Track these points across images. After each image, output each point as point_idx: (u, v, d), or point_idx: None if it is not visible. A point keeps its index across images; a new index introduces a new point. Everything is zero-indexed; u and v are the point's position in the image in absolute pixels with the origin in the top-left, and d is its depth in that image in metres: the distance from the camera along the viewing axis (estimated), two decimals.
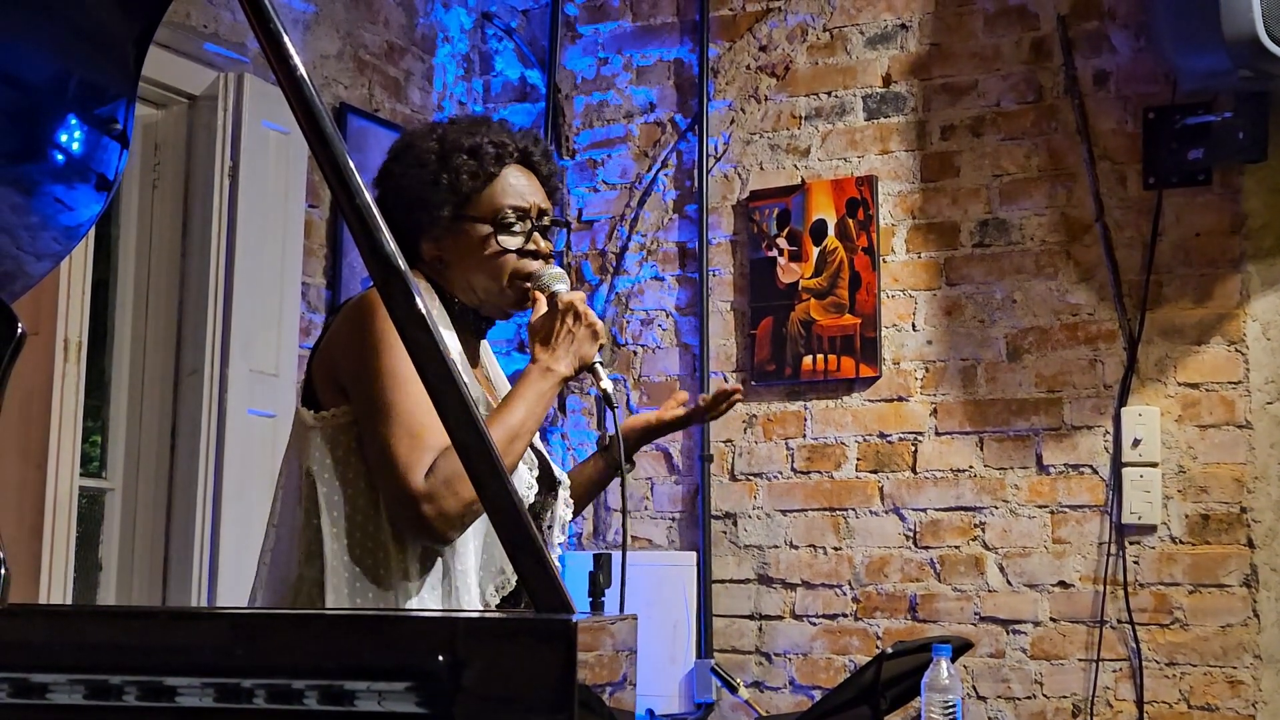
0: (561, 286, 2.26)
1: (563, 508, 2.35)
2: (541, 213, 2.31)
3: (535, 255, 2.28)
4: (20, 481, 3.33)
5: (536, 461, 2.32)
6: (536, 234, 2.29)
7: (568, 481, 2.39)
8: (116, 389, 3.79)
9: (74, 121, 1.98)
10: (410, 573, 2.12)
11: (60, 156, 2.00)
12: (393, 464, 2.05)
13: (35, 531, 3.31)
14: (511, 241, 2.26)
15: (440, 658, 1.21)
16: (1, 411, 1.70)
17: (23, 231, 2.02)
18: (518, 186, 2.29)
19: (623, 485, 2.42)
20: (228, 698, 1.22)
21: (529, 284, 2.27)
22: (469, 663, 1.22)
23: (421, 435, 2.05)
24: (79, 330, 3.41)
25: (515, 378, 2.25)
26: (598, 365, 2.25)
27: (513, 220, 2.27)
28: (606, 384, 2.26)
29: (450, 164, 2.26)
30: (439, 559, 2.15)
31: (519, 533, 1.49)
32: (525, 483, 2.26)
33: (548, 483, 2.34)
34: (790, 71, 4.42)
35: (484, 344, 2.42)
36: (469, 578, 2.17)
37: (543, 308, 2.26)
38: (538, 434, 2.30)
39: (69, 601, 3.40)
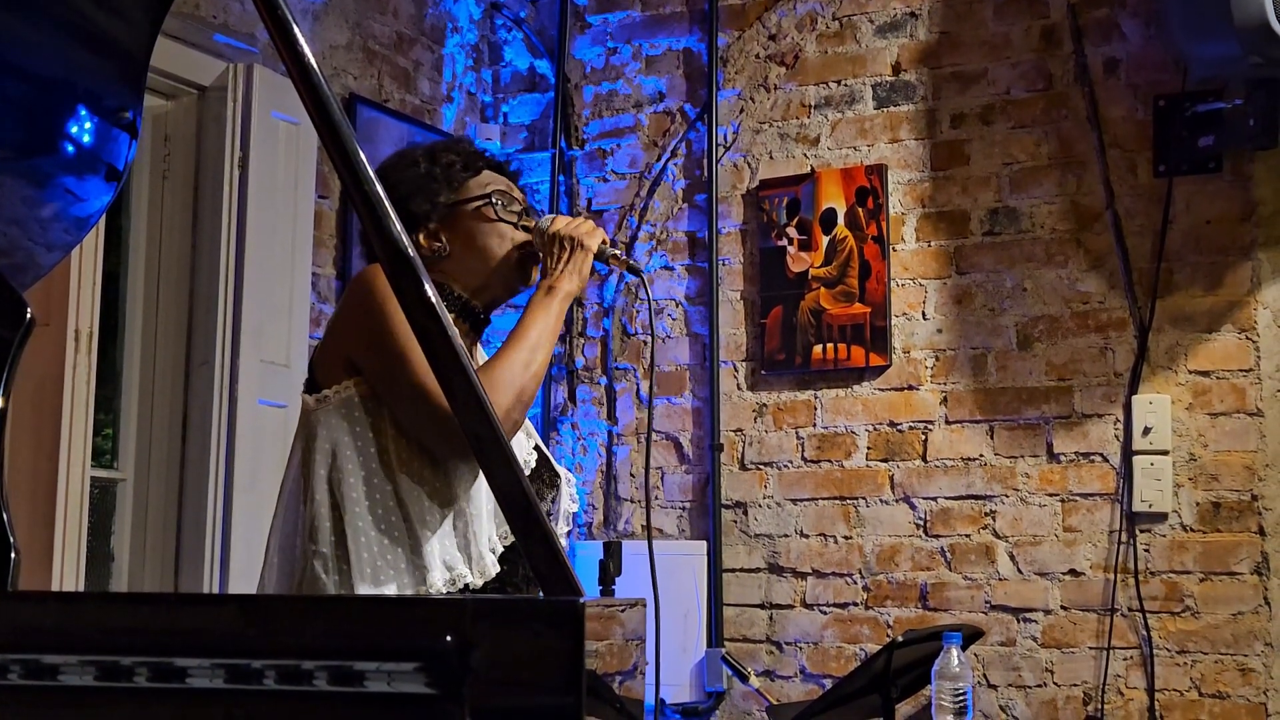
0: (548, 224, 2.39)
1: (568, 502, 2.43)
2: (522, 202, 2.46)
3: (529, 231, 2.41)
4: (32, 472, 3.34)
5: (531, 445, 2.40)
6: (526, 214, 2.42)
7: (572, 478, 2.47)
8: (128, 380, 3.80)
9: (84, 113, 1.99)
10: (430, 523, 2.20)
11: (70, 148, 2.01)
12: (428, 395, 2.13)
13: (47, 522, 3.32)
14: (508, 215, 2.39)
15: (449, 638, 1.22)
16: (12, 402, 1.71)
17: (34, 223, 2.03)
18: (499, 178, 2.45)
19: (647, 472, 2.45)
20: (238, 679, 1.23)
21: (528, 249, 2.38)
22: (477, 644, 1.23)
23: None
24: (90, 321, 3.42)
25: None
26: (607, 250, 2.36)
27: (505, 199, 2.40)
28: (632, 261, 2.42)
29: (440, 161, 2.41)
30: (454, 505, 2.23)
31: (528, 518, 1.51)
32: (525, 450, 2.35)
33: (549, 480, 2.40)
34: (800, 60, 4.42)
35: (479, 348, 2.45)
36: (481, 521, 2.25)
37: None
38: (536, 433, 2.45)
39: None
